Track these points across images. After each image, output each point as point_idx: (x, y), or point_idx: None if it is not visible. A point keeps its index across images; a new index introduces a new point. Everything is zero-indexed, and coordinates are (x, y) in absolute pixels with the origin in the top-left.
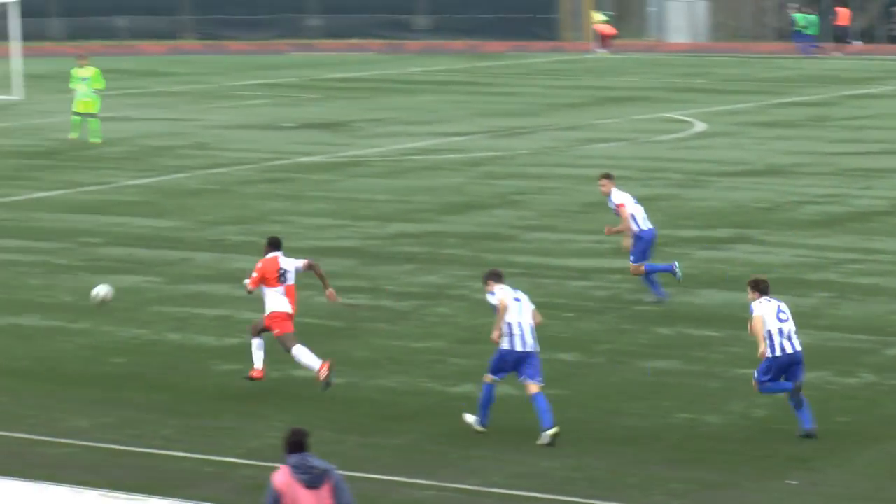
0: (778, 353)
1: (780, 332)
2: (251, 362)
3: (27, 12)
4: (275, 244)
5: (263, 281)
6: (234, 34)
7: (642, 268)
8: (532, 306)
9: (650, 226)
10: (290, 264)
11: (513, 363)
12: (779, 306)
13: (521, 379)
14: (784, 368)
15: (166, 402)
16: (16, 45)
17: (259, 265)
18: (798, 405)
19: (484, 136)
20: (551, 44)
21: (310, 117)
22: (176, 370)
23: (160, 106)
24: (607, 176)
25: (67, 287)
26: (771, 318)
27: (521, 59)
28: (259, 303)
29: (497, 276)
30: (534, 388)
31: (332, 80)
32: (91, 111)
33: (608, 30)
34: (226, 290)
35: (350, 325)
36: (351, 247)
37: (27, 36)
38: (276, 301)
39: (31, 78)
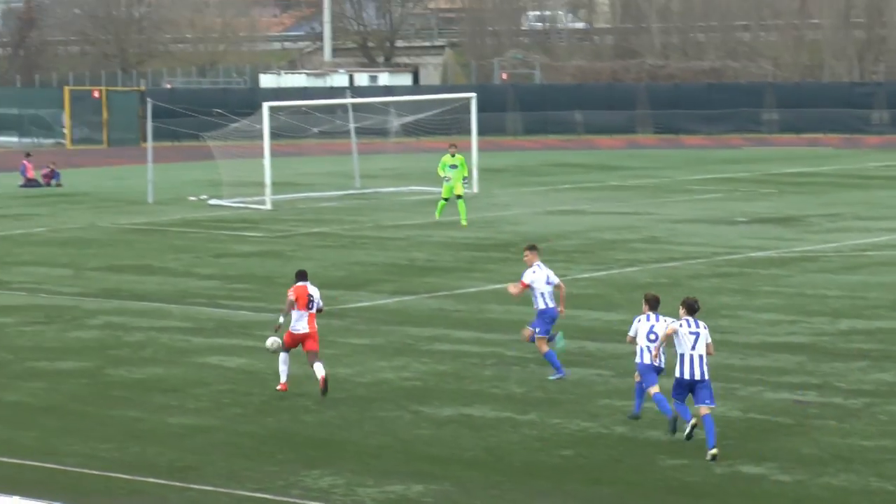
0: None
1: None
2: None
3: (486, 107)
4: (302, 276)
5: (297, 303)
6: (690, 128)
7: (544, 346)
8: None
9: (553, 305)
10: (316, 294)
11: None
12: (653, 326)
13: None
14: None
15: (612, 496)
16: (474, 140)
17: (291, 291)
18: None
19: None
20: None
21: (763, 212)
22: (622, 463)
23: (614, 200)
24: (531, 248)
25: (518, 379)
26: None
27: None
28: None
29: (689, 308)
30: (704, 410)
31: (786, 174)
32: (458, 193)
33: None
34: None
35: (798, 422)
36: (801, 343)
37: (485, 130)
38: (300, 322)
39: (486, 171)
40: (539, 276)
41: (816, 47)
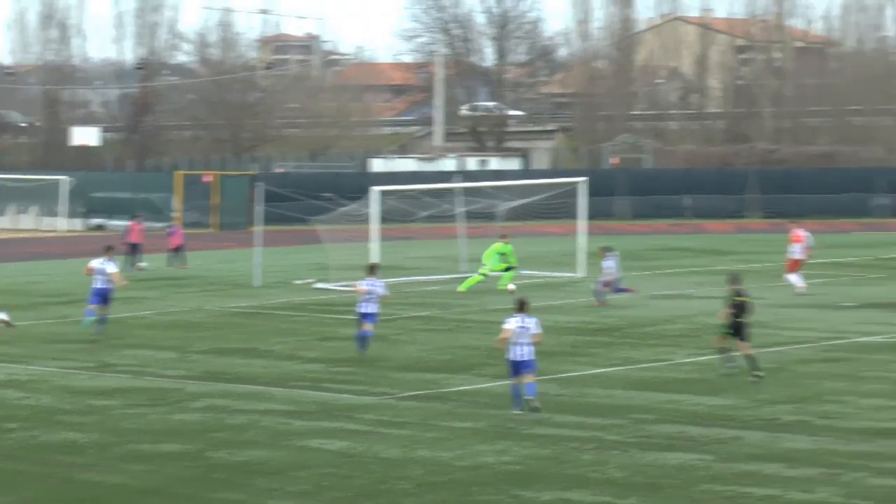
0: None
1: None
2: None
3: (595, 191)
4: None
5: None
6: (800, 213)
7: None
8: (535, 331)
9: (103, 286)
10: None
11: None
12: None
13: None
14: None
15: None
16: (582, 224)
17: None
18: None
19: None
20: None
21: (872, 297)
22: None
23: (721, 284)
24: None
25: (617, 463)
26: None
27: None
28: None
29: (520, 306)
30: (528, 378)
31: None
32: (512, 264)
33: None
34: (776, 468)
35: None
36: None
37: (594, 214)
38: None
39: (594, 256)
40: (97, 266)
41: None
